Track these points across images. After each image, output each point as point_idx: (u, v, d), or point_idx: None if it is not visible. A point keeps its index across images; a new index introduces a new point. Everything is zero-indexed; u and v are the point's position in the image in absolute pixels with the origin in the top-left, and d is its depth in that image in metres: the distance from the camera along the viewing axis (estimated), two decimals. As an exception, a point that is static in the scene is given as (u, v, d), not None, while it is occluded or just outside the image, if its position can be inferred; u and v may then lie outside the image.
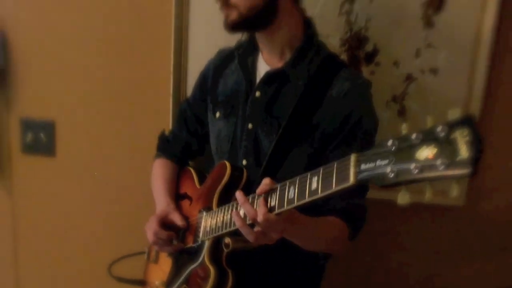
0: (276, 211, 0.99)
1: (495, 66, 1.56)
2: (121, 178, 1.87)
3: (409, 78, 1.57)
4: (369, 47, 1.57)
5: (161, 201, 1.43)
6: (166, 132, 1.59)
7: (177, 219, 1.35)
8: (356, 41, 1.57)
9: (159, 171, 1.53)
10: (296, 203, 0.95)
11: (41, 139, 1.88)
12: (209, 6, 1.60)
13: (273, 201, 1.01)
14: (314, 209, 1.12)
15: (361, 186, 1.12)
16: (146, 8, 1.71)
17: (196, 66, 1.62)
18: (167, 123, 1.69)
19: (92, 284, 1.97)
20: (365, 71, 1.56)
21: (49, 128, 1.86)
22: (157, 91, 1.74)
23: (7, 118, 1.88)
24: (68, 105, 1.85)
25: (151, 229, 1.34)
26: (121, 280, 1.54)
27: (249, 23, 1.25)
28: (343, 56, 1.54)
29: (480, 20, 1.51)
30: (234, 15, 1.22)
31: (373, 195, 1.25)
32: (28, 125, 1.87)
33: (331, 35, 1.52)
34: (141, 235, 1.46)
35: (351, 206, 1.23)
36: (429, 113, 0.76)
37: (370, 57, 1.58)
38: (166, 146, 1.56)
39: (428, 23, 1.52)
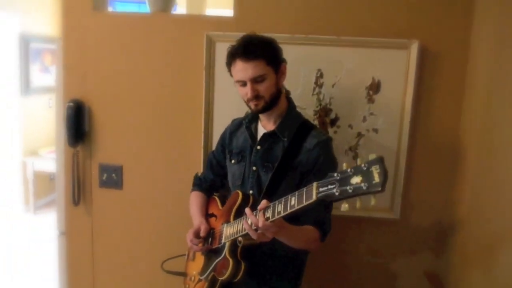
0: (270, 219, 1.27)
1: (414, 127, 1.93)
2: (167, 204, 2.16)
3: (359, 135, 1.96)
4: (332, 116, 1.96)
5: (196, 220, 1.72)
6: (199, 174, 1.91)
7: (203, 230, 1.64)
8: (324, 111, 1.96)
9: (194, 200, 1.82)
10: (282, 214, 1.24)
11: (112, 177, 2.19)
12: (226, 93, 2.00)
13: (268, 213, 1.28)
14: (298, 221, 1.45)
15: (326, 205, 1.50)
16: (186, 94, 2.06)
17: (218, 129, 1.97)
18: (199, 166, 2.04)
19: (150, 275, 2.21)
20: (330, 131, 1.96)
21: (118, 170, 2.18)
22: (192, 144, 2.08)
23: (90, 163, 2.19)
24: (131, 154, 2.17)
25: (189, 237, 1.64)
26: (170, 272, 1.81)
27: (269, 107, 1.56)
28: (315, 122, 1.93)
29: (403, 98, 1.91)
30: (262, 104, 1.54)
31: (334, 212, 1.55)
32: (104, 168, 2.19)
33: (308, 108, 1.93)
34: (182, 243, 1.79)
35: (321, 218, 1.51)
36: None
37: (333, 122, 1.97)
38: (199, 183, 1.87)
39: (370, 99, 1.93)
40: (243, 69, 1.50)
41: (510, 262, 1.45)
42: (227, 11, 2.10)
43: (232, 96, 1.97)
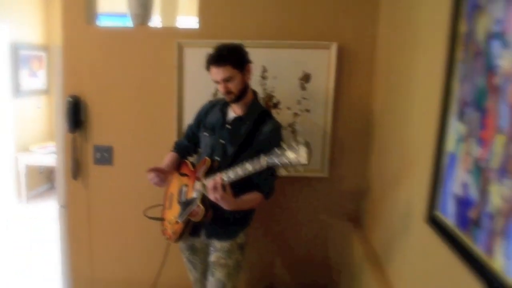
0: (231, 179, 1.69)
1: (336, 106, 2.40)
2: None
3: (295, 115, 2.41)
4: (275, 100, 2.40)
5: (163, 165, 2.08)
6: (177, 140, 2.25)
7: (160, 170, 2.02)
8: (268, 98, 2.40)
9: (169, 156, 2.16)
10: (241, 174, 1.66)
11: (105, 156, 2.56)
12: (193, 87, 2.35)
13: (231, 174, 1.69)
14: (247, 185, 1.84)
15: (271, 173, 1.89)
16: (162, 88, 2.43)
17: (188, 115, 2.35)
18: (172, 139, 2.33)
19: (136, 221, 2.50)
20: (274, 112, 2.34)
21: (109, 150, 2.55)
22: (167, 127, 2.46)
23: (86, 145, 2.55)
24: (119, 137, 2.54)
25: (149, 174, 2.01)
26: (151, 218, 2.13)
27: (239, 98, 1.90)
28: (264, 106, 2.24)
29: (327, 85, 2.36)
30: (232, 96, 1.88)
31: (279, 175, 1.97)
32: (97, 149, 2.55)
33: None
34: (159, 198, 2.16)
35: (265, 184, 1.89)
36: (304, 134, 1.60)
37: (276, 105, 2.41)
38: (177, 146, 2.20)
39: (303, 87, 2.38)
40: (216, 72, 1.85)
41: (396, 199, 1.97)
42: (195, 18, 2.47)
43: (197, 89, 2.40)
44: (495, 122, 1.06)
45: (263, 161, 1.58)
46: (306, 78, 2.40)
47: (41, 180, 5.57)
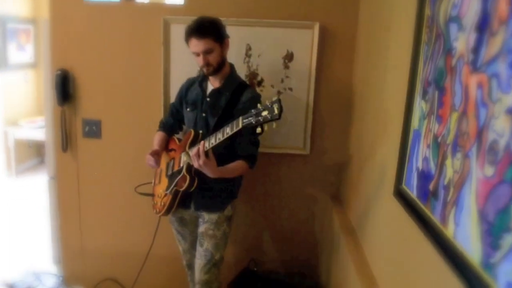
0: (213, 145, 1.73)
1: (318, 85, 2.46)
2: (136, 148, 2.56)
3: (279, 93, 2.48)
4: (259, 78, 2.46)
5: (153, 147, 2.17)
6: (163, 119, 2.32)
7: (158, 152, 2.14)
8: (252, 75, 2.46)
9: (157, 136, 2.24)
10: (221, 139, 1.69)
11: (93, 129, 2.62)
12: (179, 62, 2.41)
13: (212, 140, 1.74)
14: (232, 155, 1.92)
15: (253, 137, 1.96)
16: (148, 63, 2.48)
17: (173, 89, 2.41)
18: (160, 116, 2.44)
19: (124, 192, 2.59)
20: (258, 90, 2.44)
21: (97, 123, 2.61)
22: (154, 101, 2.52)
23: (75, 119, 2.62)
24: (107, 111, 2.59)
25: (148, 155, 2.12)
26: (142, 194, 2.25)
27: (217, 71, 1.95)
28: (248, 83, 2.35)
29: (310, 64, 2.42)
30: (211, 69, 1.93)
31: (262, 150, 2.05)
32: (86, 122, 2.61)
33: (240, 73, 2.33)
34: (150, 177, 2.26)
35: (249, 153, 1.96)
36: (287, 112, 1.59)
37: (260, 83, 2.47)
38: (162, 126, 2.27)
39: (286, 66, 2.44)
40: (196, 44, 1.88)
41: (371, 174, 2.08)
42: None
43: (183, 64, 2.45)
44: (451, 100, 1.15)
45: (240, 122, 1.63)
46: (289, 57, 2.46)
47: (30, 154, 5.63)
